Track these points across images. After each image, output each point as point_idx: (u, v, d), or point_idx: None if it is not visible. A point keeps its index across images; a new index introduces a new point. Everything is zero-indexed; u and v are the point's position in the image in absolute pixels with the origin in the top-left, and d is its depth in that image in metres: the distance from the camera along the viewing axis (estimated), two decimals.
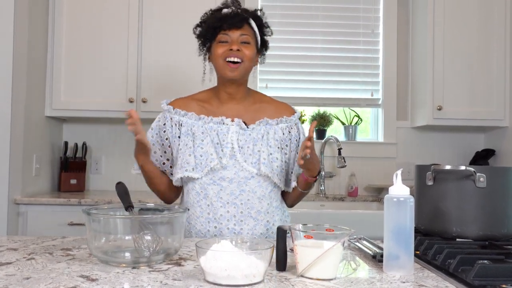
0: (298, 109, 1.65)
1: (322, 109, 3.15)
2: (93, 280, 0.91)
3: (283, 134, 1.54)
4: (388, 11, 3.14)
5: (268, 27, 1.59)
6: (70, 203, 2.42)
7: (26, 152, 2.50)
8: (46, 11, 2.70)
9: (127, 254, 1.06)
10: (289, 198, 1.62)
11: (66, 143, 2.90)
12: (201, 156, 1.46)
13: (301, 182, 1.52)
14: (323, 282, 0.93)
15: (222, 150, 1.46)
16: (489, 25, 2.84)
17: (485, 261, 0.98)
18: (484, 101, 2.84)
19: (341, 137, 3.15)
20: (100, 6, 2.73)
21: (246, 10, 1.54)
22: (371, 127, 3.25)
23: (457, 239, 1.20)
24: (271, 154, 1.49)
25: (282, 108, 1.60)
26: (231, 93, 1.53)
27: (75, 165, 2.86)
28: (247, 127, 1.50)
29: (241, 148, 1.48)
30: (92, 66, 2.72)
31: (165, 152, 1.56)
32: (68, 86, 2.71)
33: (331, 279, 0.94)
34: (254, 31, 1.52)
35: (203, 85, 1.65)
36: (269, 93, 1.70)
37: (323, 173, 3.02)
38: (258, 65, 1.63)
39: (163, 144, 1.55)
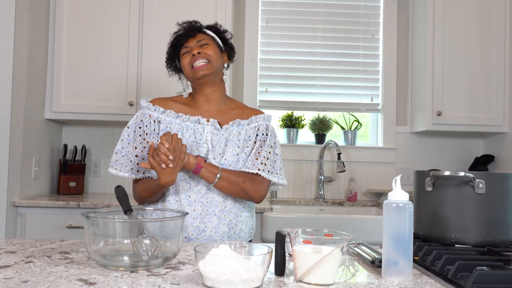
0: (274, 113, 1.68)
1: (321, 114, 3.16)
2: (91, 283, 0.91)
3: (253, 132, 1.60)
4: (388, 16, 3.16)
5: (226, 31, 1.68)
6: (69, 206, 2.42)
7: (26, 155, 2.49)
8: (47, 14, 2.71)
9: (126, 258, 1.06)
10: None
11: (65, 146, 2.90)
12: None
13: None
14: (322, 287, 0.93)
15: (197, 149, 1.52)
16: (488, 32, 2.85)
17: (484, 268, 0.98)
18: (483, 107, 2.85)
19: (341, 142, 3.16)
20: (100, 9, 2.74)
21: (199, 23, 1.65)
22: (371, 132, 3.25)
23: (456, 245, 1.21)
24: (237, 154, 1.54)
25: (255, 113, 1.67)
26: (207, 95, 1.60)
27: (74, 168, 2.86)
28: (221, 128, 1.57)
29: (214, 147, 1.53)
30: (92, 69, 2.72)
31: (140, 150, 1.54)
32: (68, 89, 2.71)
33: (330, 285, 0.94)
34: (211, 36, 1.62)
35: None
36: (269, 98, 1.71)
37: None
38: (230, 64, 1.71)
39: (135, 140, 1.55)
